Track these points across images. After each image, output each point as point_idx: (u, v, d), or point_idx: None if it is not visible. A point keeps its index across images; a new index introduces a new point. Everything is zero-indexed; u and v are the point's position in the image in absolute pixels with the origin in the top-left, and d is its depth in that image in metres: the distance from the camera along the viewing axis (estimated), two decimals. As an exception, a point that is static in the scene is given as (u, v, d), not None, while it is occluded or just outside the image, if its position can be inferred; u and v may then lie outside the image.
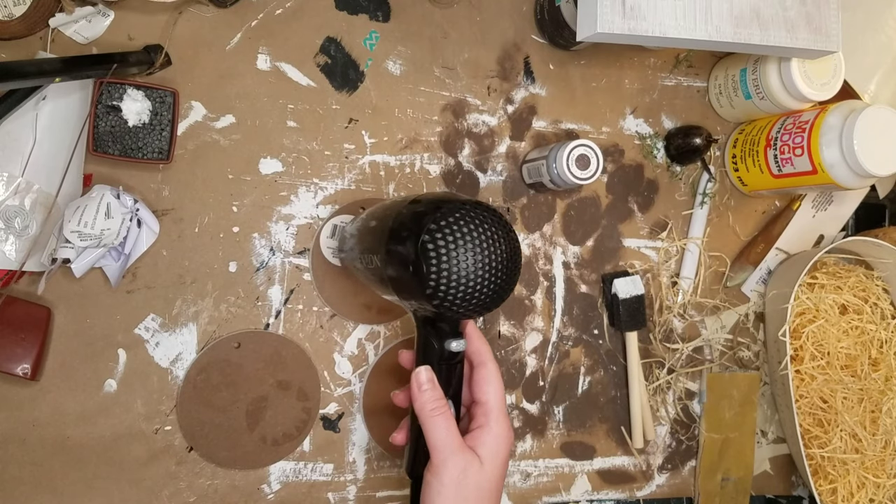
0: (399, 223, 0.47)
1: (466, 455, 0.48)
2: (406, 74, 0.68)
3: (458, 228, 0.44)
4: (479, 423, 0.50)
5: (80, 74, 0.54)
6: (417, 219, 0.45)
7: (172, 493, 0.62)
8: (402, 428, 0.55)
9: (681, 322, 0.75)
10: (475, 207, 0.46)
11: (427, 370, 0.50)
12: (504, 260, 0.46)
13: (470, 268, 0.44)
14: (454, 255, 0.44)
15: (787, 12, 0.61)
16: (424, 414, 0.48)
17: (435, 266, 0.44)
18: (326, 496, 0.65)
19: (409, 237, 0.45)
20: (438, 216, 0.45)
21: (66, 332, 0.60)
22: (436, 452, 0.48)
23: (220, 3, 0.62)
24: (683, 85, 0.76)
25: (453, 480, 0.47)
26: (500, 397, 0.51)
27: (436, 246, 0.44)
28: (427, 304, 0.46)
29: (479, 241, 0.45)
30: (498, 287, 0.46)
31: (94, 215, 0.55)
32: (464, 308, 0.46)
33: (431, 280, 0.44)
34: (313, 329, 0.65)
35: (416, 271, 0.45)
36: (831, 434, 0.72)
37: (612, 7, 0.56)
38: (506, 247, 0.46)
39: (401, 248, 0.46)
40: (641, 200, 0.74)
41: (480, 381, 0.51)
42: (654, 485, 0.74)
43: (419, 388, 0.49)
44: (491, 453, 0.49)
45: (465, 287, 0.44)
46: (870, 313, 0.74)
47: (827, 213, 0.79)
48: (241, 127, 0.64)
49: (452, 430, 0.48)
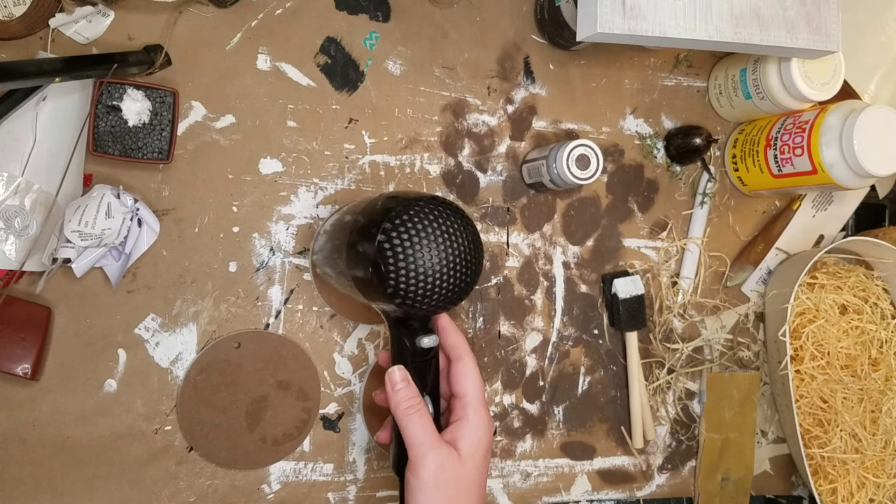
0: (358, 224, 0.48)
1: (443, 450, 0.48)
2: (406, 74, 0.68)
3: (413, 225, 0.44)
4: (457, 416, 0.51)
5: (80, 74, 0.54)
6: (373, 218, 0.45)
7: (172, 493, 0.62)
8: (387, 426, 0.55)
9: (681, 322, 0.75)
10: (430, 202, 0.45)
11: (400, 369, 0.50)
12: (464, 253, 0.45)
13: (429, 264, 0.44)
14: (411, 253, 0.44)
15: (787, 12, 0.61)
16: (399, 413, 0.49)
17: (393, 265, 0.44)
18: (326, 496, 0.65)
19: (367, 238, 0.45)
20: (393, 215, 0.44)
21: (67, 332, 0.60)
22: (412, 450, 0.48)
23: (220, 3, 0.63)
24: (683, 85, 0.76)
25: (431, 475, 0.47)
26: (479, 389, 0.51)
27: (391, 245, 0.44)
28: (390, 304, 0.46)
29: (435, 236, 0.45)
30: (460, 281, 0.46)
31: (94, 215, 0.55)
32: (427, 304, 0.46)
33: (391, 279, 0.44)
34: (313, 329, 0.65)
35: (375, 272, 0.45)
36: (831, 434, 0.72)
37: (612, 7, 0.56)
38: (465, 240, 0.46)
39: (360, 250, 0.46)
40: (641, 200, 0.74)
41: (458, 374, 0.52)
42: (654, 485, 0.74)
43: (393, 388, 0.49)
44: (470, 445, 0.49)
45: (425, 284, 0.44)
46: (870, 313, 0.74)
47: (827, 213, 0.79)
48: (241, 127, 0.64)
49: (427, 426, 0.48)
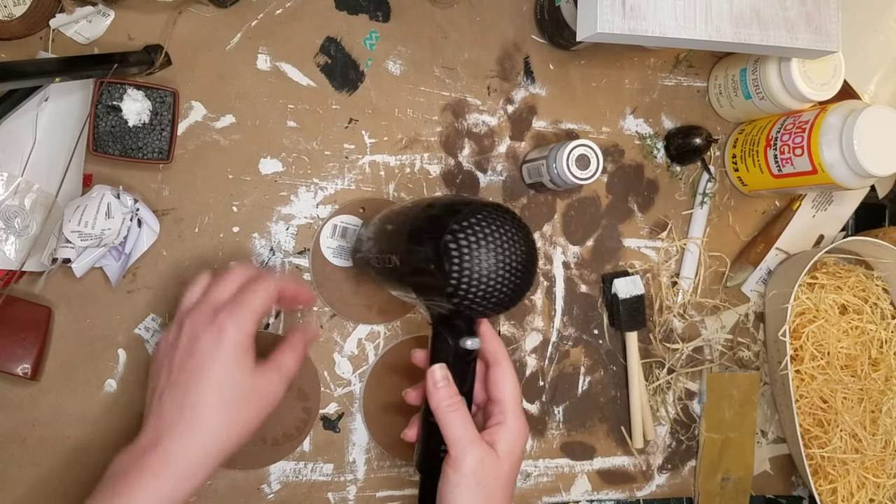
0: (421, 224, 0.50)
1: (484, 447, 0.49)
2: (406, 74, 0.68)
3: (480, 229, 0.46)
4: (496, 420, 0.52)
5: (80, 74, 0.54)
6: (439, 219, 0.47)
7: (172, 493, 0.61)
8: (413, 425, 0.56)
9: (681, 322, 0.75)
10: (496, 209, 0.48)
11: (442, 367, 0.51)
12: (522, 260, 0.47)
13: (490, 267, 0.46)
14: (476, 255, 0.46)
15: (787, 12, 0.61)
16: (441, 410, 0.50)
17: (457, 264, 0.46)
18: (326, 496, 0.65)
19: (432, 237, 0.47)
20: (460, 217, 0.46)
21: (67, 332, 0.60)
22: (454, 445, 0.49)
23: (219, 3, 0.63)
24: (683, 85, 0.76)
25: (472, 471, 0.48)
26: (516, 395, 0.53)
27: (458, 245, 0.46)
28: (447, 302, 0.48)
29: (499, 241, 0.46)
30: (516, 286, 0.47)
31: (94, 215, 0.55)
32: (483, 306, 0.47)
33: (453, 278, 0.46)
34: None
35: (438, 269, 0.46)
36: (831, 434, 0.72)
37: (612, 7, 0.56)
38: (524, 248, 0.48)
39: (422, 248, 0.48)
40: (641, 200, 0.74)
41: (496, 379, 0.53)
42: (654, 485, 0.74)
43: (434, 385, 0.50)
44: (508, 448, 0.50)
45: (484, 286, 0.46)
46: (870, 313, 0.74)
47: (827, 213, 0.79)
48: (241, 127, 0.64)
49: (469, 423, 0.50)
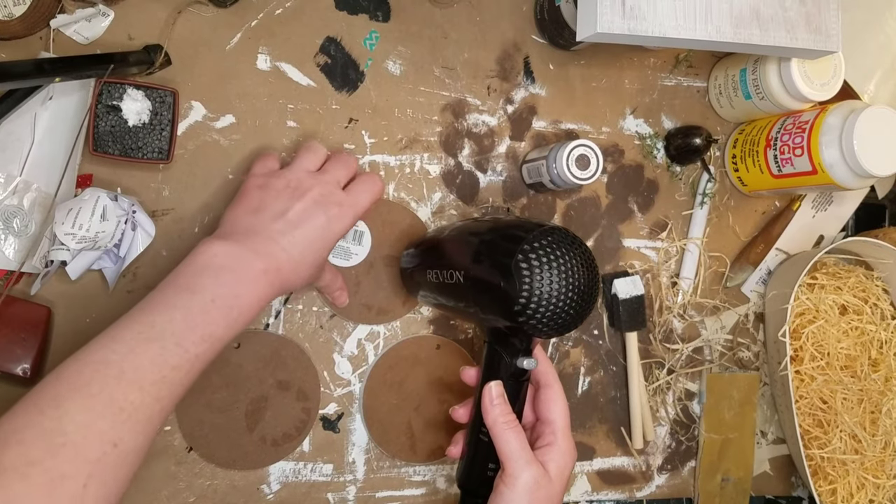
0: (490, 241, 0.51)
1: (539, 468, 0.50)
2: (406, 74, 0.68)
3: (552, 250, 0.48)
4: (547, 441, 0.52)
5: (80, 74, 0.54)
6: (510, 238, 0.49)
7: (172, 494, 0.61)
8: (457, 442, 0.57)
9: (681, 322, 0.75)
10: (566, 233, 0.49)
11: (498, 385, 0.52)
12: (587, 284, 0.49)
13: (560, 288, 0.47)
14: (546, 275, 0.47)
15: (787, 12, 0.61)
16: (498, 426, 0.50)
17: (527, 283, 0.47)
18: (326, 496, 0.65)
19: (502, 255, 0.49)
20: (532, 238, 0.48)
21: (66, 332, 0.60)
22: (510, 462, 0.49)
23: (219, 3, 0.63)
24: (683, 85, 0.76)
25: (528, 490, 0.49)
26: (566, 416, 0.53)
27: (529, 265, 0.47)
28: (511, 320, 0.49)
29: (568, 264, 0.48)
30: (580, 309, 0.49)
31: (89, 217, 0.55)
32: (547, 327, 0.48)
33: (522, 296, 0.47)
34: (313, 329, 0.65)
35: (507, 287, 0.48)
36: (831, 435, 0.72)
37: (612, 7, 0.56)
38: (588, 272, 0.49)
39: (491, 266, 0.50)
40: (641, 200, 0.74)
41: (547, 400, 0.54)
42: (654, 485, 0.74)
43: (491, 402, 0.51)
44: (559, 469, 0.51)
45: (553, 306, 0.47)
46: (870, 314, 0.74)
47: (827, 214, 0.79)
48: (241, 127, 0.64)
49: (525, 442, 0.50)
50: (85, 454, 0.40)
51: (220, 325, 0.47)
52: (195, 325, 0.46)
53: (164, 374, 0.44)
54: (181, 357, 0.45)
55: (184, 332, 0.46)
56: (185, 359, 0.45)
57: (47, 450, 0.39)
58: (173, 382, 0.45)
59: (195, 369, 0.47)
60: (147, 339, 0.45)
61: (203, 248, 0.50)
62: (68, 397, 0.42)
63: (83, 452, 0.40)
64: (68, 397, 0.42)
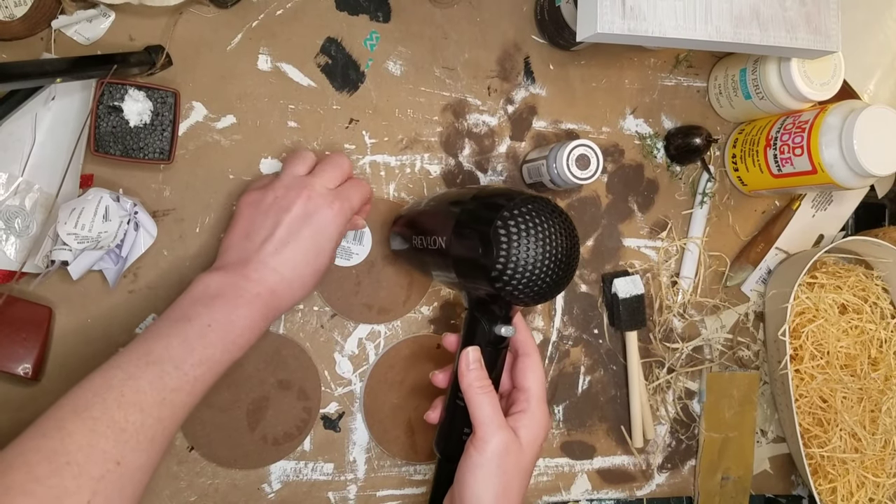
0: (471, 208, 0.52)
1: (510, 433, 0.50)
2: (406, 75, 0.68)
3: (531, 218, 0.48)
4: (520, 408, 0.53)
5: (81, 75, 0.54)
6: (491, 205, 0.49)
7: (173, 493, 0.62)
8: (436, 407, 0.57)
9: (681, 322, 0.76)
10: (546, 202, 0.49)
11: (476, 350, 0.52)
12: (566, 253, 0.49)
13: (536, 255, 0.47)
14: (523, 242, 0.47)
15: (787, 12, 0.61)
16: (472, 391, 0.51)
17: (504, 250, 0.47)
18: (327, 495, 0.65)
19: (482, 222, 0.49)
20: (512, 205, 0.48)
21: (68, 332, 0.60)
22: (482, 427, 0.50)
23: (220, 4, 0.63)
24: (683, 85, 0.76)
25: (496, 455, 0.49)
26: (543, 385, 0.54)
27: (507, 231, 0.47)
28: (489, 286, 0.49)
29: (546, 232, 0.48)
30: (557, 277, 0.49)
31: (91, 217, 0.55)
32: (525, 294, 0.48)
33: (499, 262, 0.47)
34: (314, 329, 0.66)
35: (485, 254, 0.48)
36: (831, 433, 0.72)
37: (612, 7, 0.57)
38: (569, 241, 0.49)
39: (471, 232, 0.50)
40: (641, 200, 0.74)
41: (524, 369, 0.54)
42: (654, 484, 0.75)
43: (467, 367, 0.52)
44: (530, 436, 0.51)
45: (529, 273, 0.47)
46: (869, 313, 0.74)
47: (827, 213, 0.79)
48: (241, 127, 0.64)
49: (498, 407, 0.51)
50: (88, 472, 0.42)
51: (217, 349, 0.49)
52: (193, 350, 0.48)
53: (164, 397, 0.46)
54: (180, 380, 0.47)
55: (182, 356, 0.48)
56: (184, 381, 0.47)
57: (51, 469, 0.41)
58: (174, 404, 0.47)
59: (196, 391, 0.48)
60: (146, 364, 0.47)
61: (197, 281, 0.52)
62: (71, 420, 0.43)
63: (86, 471, 0.42)
64: (71, 420, 0.43)
